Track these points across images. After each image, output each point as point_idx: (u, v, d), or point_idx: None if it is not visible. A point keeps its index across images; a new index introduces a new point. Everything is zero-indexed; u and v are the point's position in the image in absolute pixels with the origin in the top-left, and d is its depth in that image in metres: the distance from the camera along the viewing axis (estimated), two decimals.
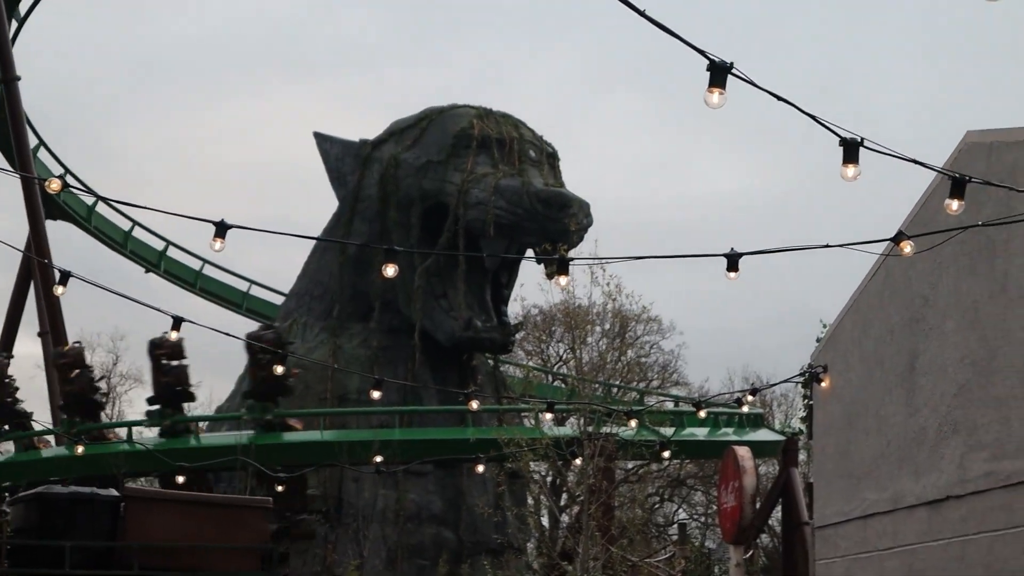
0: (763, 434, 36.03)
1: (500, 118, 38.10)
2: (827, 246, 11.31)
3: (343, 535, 34.06)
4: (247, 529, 19.45)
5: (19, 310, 43.37)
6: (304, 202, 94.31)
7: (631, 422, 22.40)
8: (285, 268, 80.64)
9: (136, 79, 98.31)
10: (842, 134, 9.48)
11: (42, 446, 34.99)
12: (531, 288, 59.51)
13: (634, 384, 37.41)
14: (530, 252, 35.44)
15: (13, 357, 38.64)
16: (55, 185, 13.00)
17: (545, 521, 34.99)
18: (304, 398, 35.70)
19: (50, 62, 77.28)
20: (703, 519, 53.71)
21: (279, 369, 27.44)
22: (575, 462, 26.34)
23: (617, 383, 31.65)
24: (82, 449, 30.07)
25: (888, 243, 11.27)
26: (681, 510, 55.12)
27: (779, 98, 9.09)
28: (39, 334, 38.31)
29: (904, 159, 9.71)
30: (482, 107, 38.57)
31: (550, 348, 52.01)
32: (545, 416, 23.47)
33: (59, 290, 14.33)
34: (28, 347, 45.47)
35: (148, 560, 18.72)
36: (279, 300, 44.65)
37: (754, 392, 21.79)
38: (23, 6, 42.31)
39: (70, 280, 14.11)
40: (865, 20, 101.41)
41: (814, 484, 16.50)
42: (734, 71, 8.84)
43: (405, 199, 37.00)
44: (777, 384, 37.92)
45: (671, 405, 38.30)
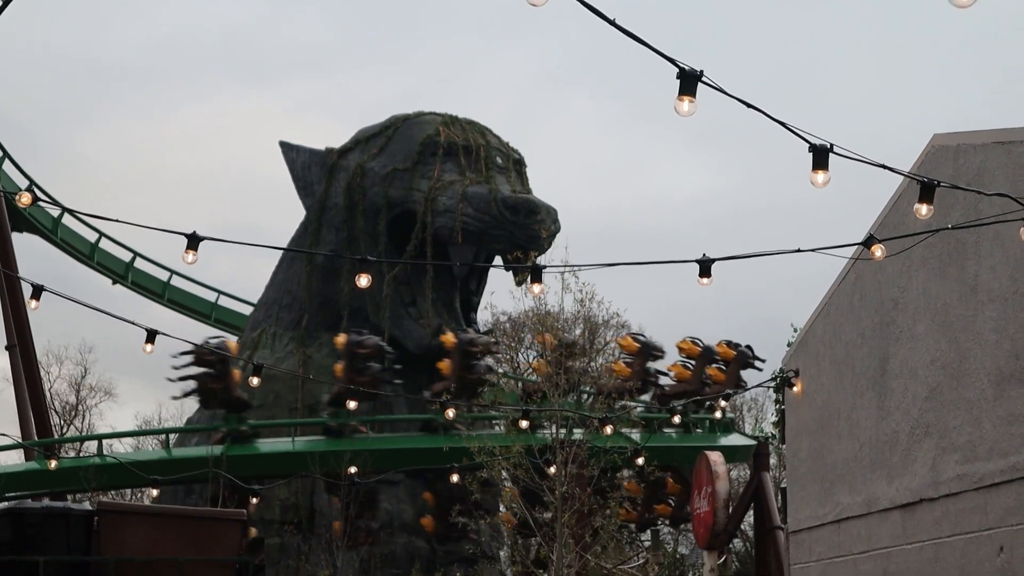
0: (734, 439, 36.06)
1: (466, 125, 38.13)
2: (799, 251, 11.33)
3: (315, 545, 33.96)
4: (222, 542, 19.38)
5: None
6: (267, 208, 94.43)
7: (605, 428, 22.42)
8: (250, 277, 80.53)
9: (95, 87, 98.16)
10: (811, 140, 9.46)
11: None
12: (502, 295, 59.58)
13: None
14: (499, 260, 35.46)
15: None
16: (25, 199, 12.84)
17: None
18: (274, 408, 35.63)
19: (8, 69, 76.94)
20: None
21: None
22: (549, 470, 26.36)
23: (588, 390, 31.70)
24: (55, 464, 29.87)
25: (859, 247, 11.33)
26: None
27: (749, 105, 9.08)
28: (6, 347, 38.06)
29: (873, 164, 9.76)
30: (448, 114, 38.59)
31: (519, 355, 51.97)
32: (521, 423, 23.44)
33: (32, 304, 14.26)
34: None
35: (123, 574, 18.65)
36: (248, 310, 44.50)
37: (727, 397, 21.80)
38: None
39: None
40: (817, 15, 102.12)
41: (788, 489, 16.54)
42: (704, 79, 8.80)
43: (371, 207, 36.99)
44: (749, 389, 37.90)
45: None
